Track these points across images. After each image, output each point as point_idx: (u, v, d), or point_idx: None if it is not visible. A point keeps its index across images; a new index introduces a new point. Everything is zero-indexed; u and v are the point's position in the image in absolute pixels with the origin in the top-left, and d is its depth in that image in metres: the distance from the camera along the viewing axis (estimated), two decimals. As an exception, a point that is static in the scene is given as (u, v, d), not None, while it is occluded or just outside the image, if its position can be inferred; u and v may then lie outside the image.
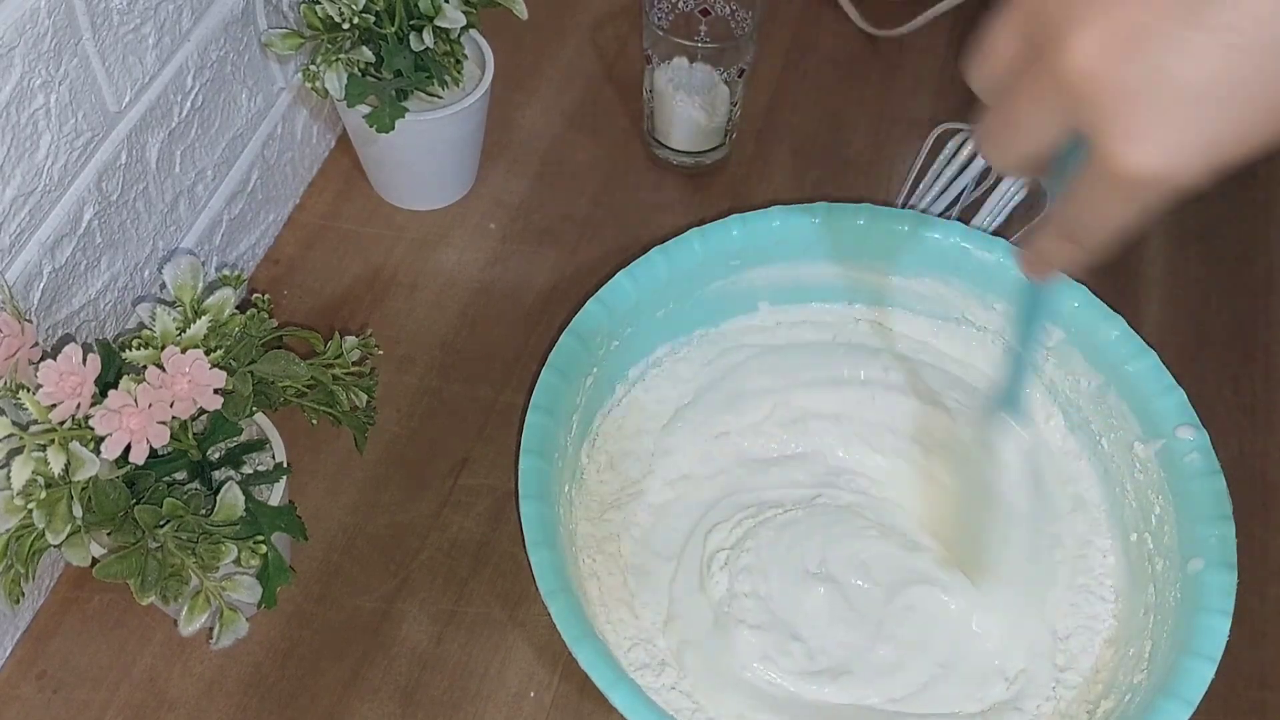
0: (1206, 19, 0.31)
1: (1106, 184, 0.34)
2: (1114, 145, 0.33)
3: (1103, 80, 0.32)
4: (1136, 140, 0.33)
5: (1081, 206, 0.37)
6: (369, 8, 0.68)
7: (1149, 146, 0.33)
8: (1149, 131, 0.32)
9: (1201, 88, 0.31)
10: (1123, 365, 0.65)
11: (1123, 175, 0.33)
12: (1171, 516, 0.61)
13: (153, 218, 0.65)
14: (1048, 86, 0.34)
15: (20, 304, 0.55)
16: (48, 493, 0.49)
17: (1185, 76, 0.31)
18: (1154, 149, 0.33)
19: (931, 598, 0.62)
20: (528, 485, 0.58)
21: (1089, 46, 0.32)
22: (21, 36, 0.51)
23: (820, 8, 0.94)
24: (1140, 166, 0.33)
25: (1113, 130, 0.33)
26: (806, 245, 0.69)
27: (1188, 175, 0.33)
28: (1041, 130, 0.36)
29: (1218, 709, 0.59)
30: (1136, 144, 0.33)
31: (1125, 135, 0.33)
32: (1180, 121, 0.32)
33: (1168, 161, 0.33)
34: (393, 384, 0.72)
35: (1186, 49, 0.31)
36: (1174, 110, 0.32)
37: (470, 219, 0.81)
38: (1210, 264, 0.81)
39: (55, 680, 0.61)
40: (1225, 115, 0.32)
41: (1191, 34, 0.31)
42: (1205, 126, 0.32)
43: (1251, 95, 0.32)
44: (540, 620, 0.64)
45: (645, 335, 0.68)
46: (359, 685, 0.62)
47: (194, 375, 0.50)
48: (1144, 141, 0.33)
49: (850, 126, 0.87)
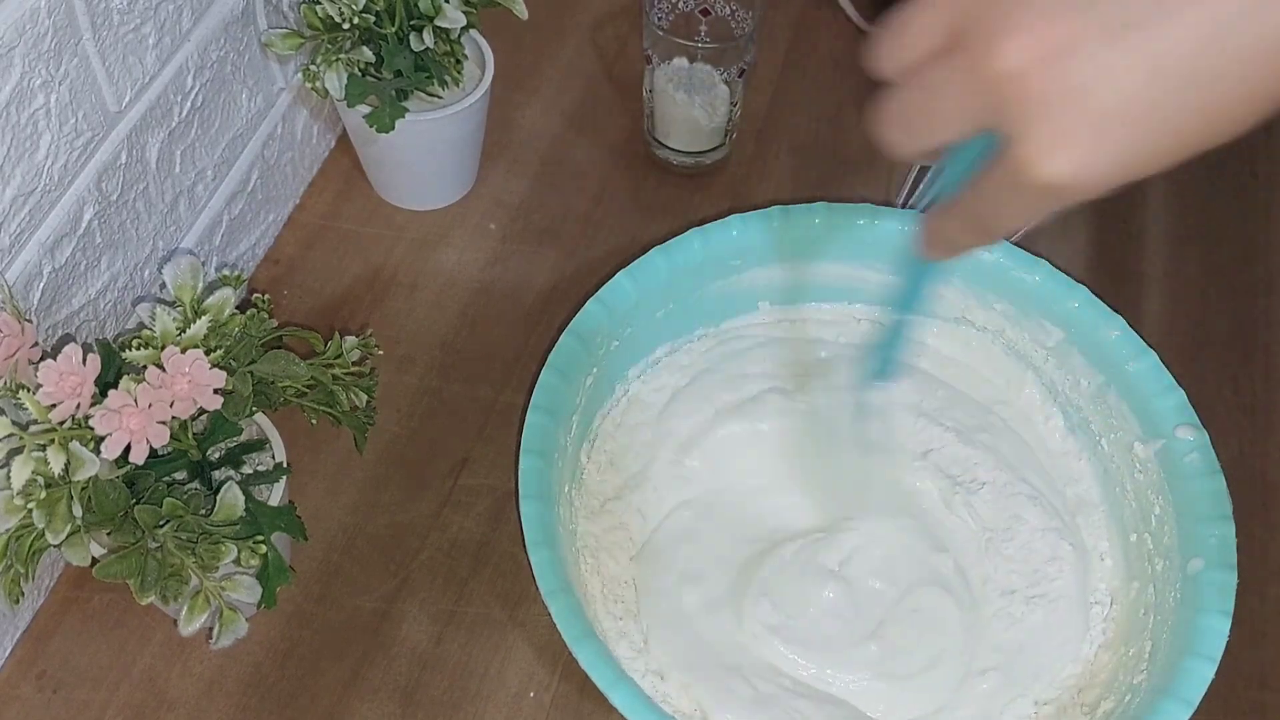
0: (1135, 42, 0.32)
1: (1015, 185, 0.35)
2: (1028, 152, 0.34)
3: (1026, 87, 0.33)
4: (1050, 151, 0.33)
5: (987, 200, 0.38)
6: (369, 8, 0.68)
7: (1061, 158, 0.33)
8: (1063, 144, 0.33)
9: (1120, 108, 0.32)
10: (1123, 365, 0.65)
11: (1032, 182, 0.34)
12: (1171, 517, 0.61)
13: (153, 218, 0.65)
14: (969, 83, 0.35)
15: (20, 304, 0.55)
16: (48, 493, 0.49)
17: (1105, 95, 0.32)
18: (1065, 161, 0.33)
19: (939, 601, 0.62)
20: (528, 485, 0.58)
21: (1018, 53, 0.33)
22: (21, 36, 0.51)
23: (820, 8, 0.94)
24: (1050, 176, 0.34)
25: (1028, 137, 0.34)
26: (807, 245, 0.69)
27: (1093, 188, 0.34)
28: (954, 124, 0.36)
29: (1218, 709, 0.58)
30: (1049, 154, 0.33)
31: (1039, 144, 0.34)
32: (1094, 137, 0.33)
33: (1076, 174, 0.34)
34: (393, 384, 0.72)
35: (1111, 69, 0.32)
36: (1090, 126, 0.33)
37: (470, 219, 0.81)
38: (1210, 264, 0.81)
39: (55, 680, 0.61)
40: (1138, 136, 0.33)
41: (1118, 55, 0.32)
42: (1117, 145, 0.33)
43: (1166, 120, 0.33)
44: (540, 620, 0.64)
45: (645, 335, 0.68)
46: (359, 685, 0.62)
47: (194, 375, 0.50)
48: (1057, 153, 0.33)
49: (850, 126, 0.87)
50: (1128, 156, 0.33)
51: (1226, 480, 0.60)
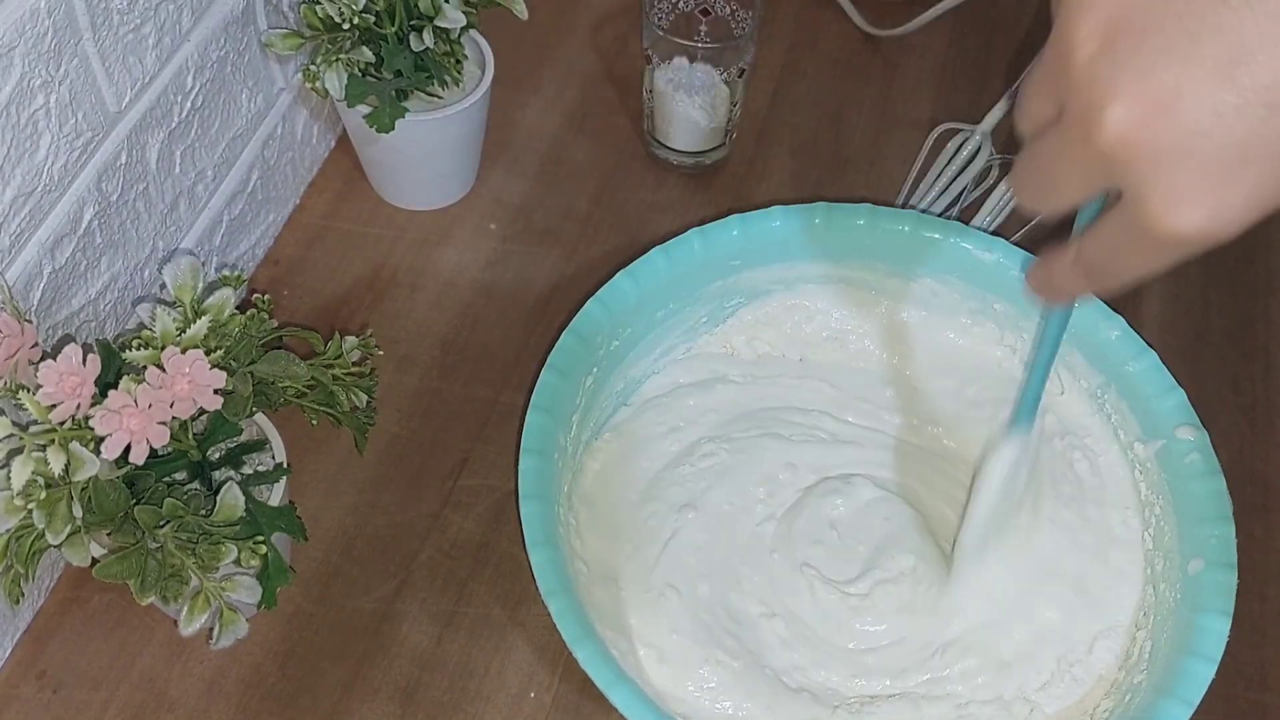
0: (1241, 80, 0.31)
1: (1142, 238, 0.35)
2: (1155, 208, 0.33)
3: (1141, 147, 0.33)
4: (1178, 204, 0.33)
5: (1109, 250, 0.37)
6: (369, 8, 0.68)
7: (1191, 209, 0.33)
8: (1191, 195, 0.33)
9: (1241, 149, 0.32)
10: (1123, 365, 0.65)
11: (1162, 234, 0.34)
12: (1171, 517, 0.62)
13: (153, 218, 0.65)
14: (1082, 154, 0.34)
15: (20, 304, 0.55)
16: (48, 493, 0.49)
17: (1224, 138, 0.32)
18: (1195, 211, 0.33)
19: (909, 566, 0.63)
20: (528, 485, 0.58)
21: (1123, 116, 0.33)
22: (21, 36, 0.51)
23: (820, 8, 0.94)
24: (1181, 228, 0.33)
25: (1153, 194, 0.33)
26: (806, 245, 0.69)
27: (1227, 233, 0.34)
28: (1077, 191, 0.36)
29: (1218, 709, 0.59)
30: (1178, 207, 0.33)
31: (1166, 199, 0.33)
32: (1221, 183, 0.32)
33: (1209, 223, 0.33)
34: (393, 384, 0.72)
35: (1223, 111, 0.31)
36: (1215, 172, 0.32)
37: (470, 219, 0.81)
38: (1210, 264, 0.81)
39: (55, 680, 0.61)
40: (1266, 173, 0.32)
41: (1227, 95, 0.31)
42: (1246, 186, 0.32)
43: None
44: (540, 620, 0.64)
45: (645, 335, 0.68)
46: (359, 686, 0.62)
47: (194, 375, 0.50)
48: (1186, 205, 0.33)
49: (850, 126, 0.87)
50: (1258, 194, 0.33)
51: (1226, 480, 0.60)
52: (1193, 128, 0.32)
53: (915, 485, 0.67)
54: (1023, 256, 0.67)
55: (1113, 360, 0.65)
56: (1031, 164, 0.38)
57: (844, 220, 0.69)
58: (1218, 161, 0.32)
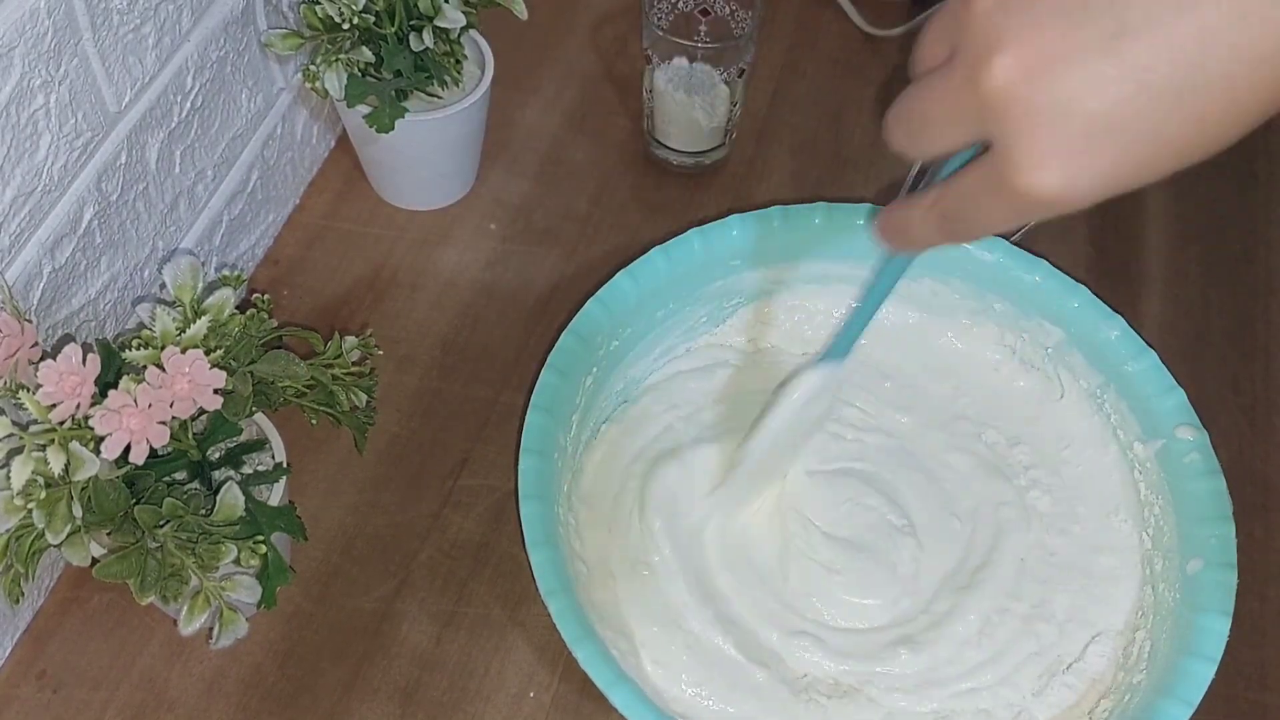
0: (1124, 53, 0.32)
1: (999, 192, 0.35)
2: (1015, 164, 0.34)
3: (1015, 101, 0.33)
4: (1036, 163, 0.33)
5: (967, 201, 0.38)
6: (369, 8, 0.68)
7: (1047, 171, 0.33)
8: (1052, 157, 0.33)
9: (1108, 120, 0.32)
10: (1123, 365, 0.65)
11: (1018, 191, 0.34)
12: (1171, 516, 0.62)
13: (153, 218, 0.65)
14: (962, 98, 0.35)
15: (20, 304, 0.55)
16: (48, 493, 0.49)
17: (1094, 108, 0.32)
18: (1052, 174, 0.33)
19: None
20: (528, 485, 0.58)
21: (1007, 67, 0.33)
22: (21, 36, 0.51)
23: (820, 8, 0.94)
24: (1036, 188, 0.34)
25: (1016, 150, 0.34)
26: (806, 245, 0.69)
27: (1078, 201, 0.34)
28: (949, 135, 0.37)
29: (1218, 709, 0.59)
30: (1036, 167, 0.34)
31: (1027, 156, 0.34)
32: (1081, 150, 0.33)
33: (1064, 187, 0.34)
34: (393, 384, 0.72)
35: (1100, 81, 0.32)
36: (1079, 139, 0.33)
37: (470, 219, 0.81)
38: (1210, 264, 0.81)
39: (55, 680, 0.61)
40: (1125, 149, 0.33)
41: (1106, 66, 0.32)
42: (1104, 158, 0.33)
43: (1154, 131, 0.32)
44: (540, 620, 0.64)
45: (645, 335, 0.68)
46: (359, 686, 0.62)
47: (194, 375, 0.50)
48: (1043, 166, 0.33)
49: (850, 126, 0.87)
50: (1115, 168, 0.33)
51: (1226, 480, 0.60)
52: (1068, 91, 0.32)
53: (903, 487, 0.67)
54: (1023, 256, 0.67)
55: (1112, 360, 0.65)
56: (912, 102, 0.38)
57: (844, 220, 0.69)
58: (1084, 129, 0.33)
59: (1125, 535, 0.65)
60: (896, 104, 0.39)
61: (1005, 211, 0.36)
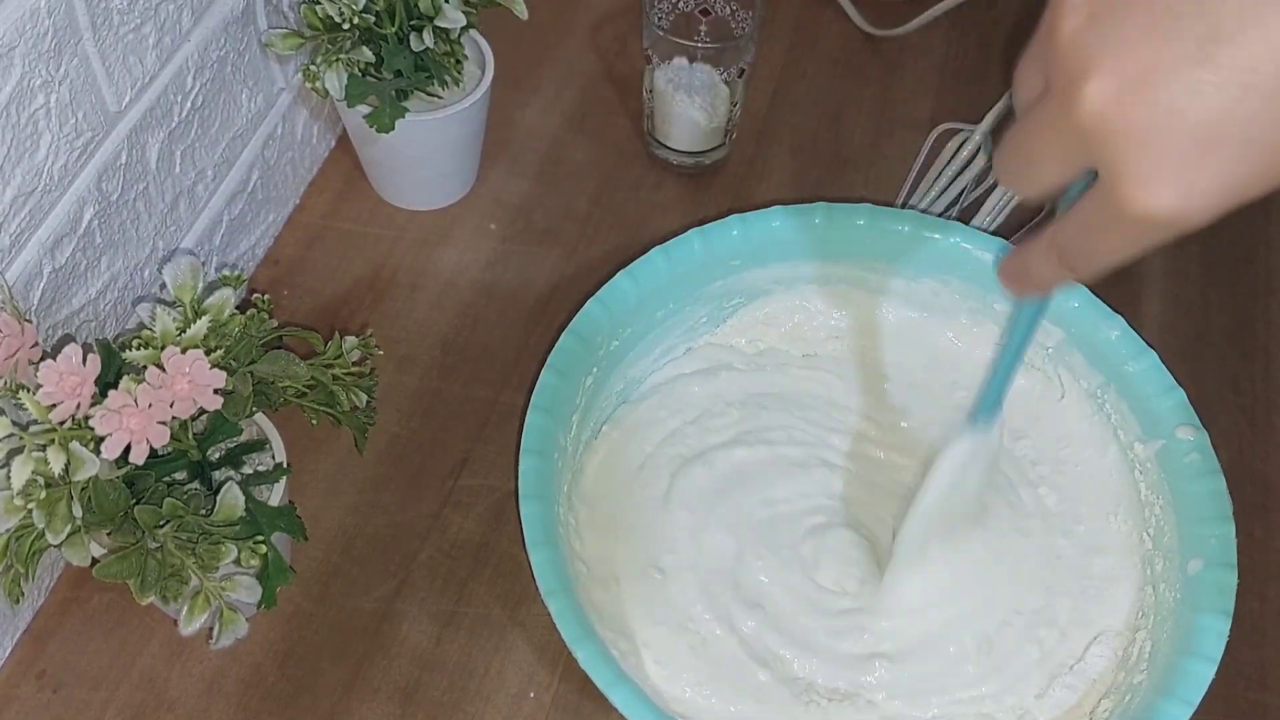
0: (1220, 59, 0.31)
1: (1115, 219, 0.34)
2: (1125, 186, 0.33)
3: (1116, 123, 0.32)
4: (1150, 182, 0.32)
5: (1083, 233, 0.37)
6: (369, 8, 0.68)
7: (1162, 189, 0.32)
8: (1163, 173, 0.32)
9: (1216, 129, 0.31)
10: (1123, 365, 0.65)
11: (1134, 215, 0.33)
12: (1171, 516, 0.61)
13: (153, 218, 0.65)
14: (1062, 129, 0.34)
15: (20, 304, 0.55)
16: (48, 493, 0.49)
17: (1199, 117, 0.31)
18: (1168, 191, 0.32)
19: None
20: (528, 485, 0.58)
21: (1101, 90, 0.32)
22: (21, 36, 0.51)
23: (820, 8, 0.94)
24: (1153, 208, 0.33)
25: (1126, 172, 0.33)
26: (806, 245, 0.69)
27: (1199, 217, 0.33)
28: (1056, 168, 0.36)
29: (1218, 710, 0.59)
30: (1150, 186, 0.32)
31: (1139, 177, 0.32)
32: (1194, 163, 0.32)
33: (1181, 203, 0.32)
34: (393, 384, 0.72)
35: (1200, 89, 0.31)
36: (1188, 152, 0.32)
37: (470, 219, 0.81)
38: (1210, 264, 0.81)
39: (55, 680, 0.61)
40: (1239, 157, 0.32)
41: (1205, 74, 0.31)
42: (1219, 168, 0.32)
43: (1266, 136, 0.31)
44: (540, 620, 0.64)
45: (645, 335, 0.68)
46: (359, 686, 0.62)
47: (194, 375, 0.50)
48: (1157, 183, 0.32)
49: (850, 126, 0.87)
50: (1231, 178, 0.32)
51: (1226, 480, 0.60)
52: (1168, 105, 0.31)
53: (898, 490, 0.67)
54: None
55: (1113, 360, 0.65)
56: (1015, 140, 0.37)
57: (844, 220, 0.69)
58: (1191, 141, 0.32)
59: (1125, 535, 0.65)
60: (1002, 144, 0.38)
61: (1123, 238, 0.35)
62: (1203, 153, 0.32)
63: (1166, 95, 0.31)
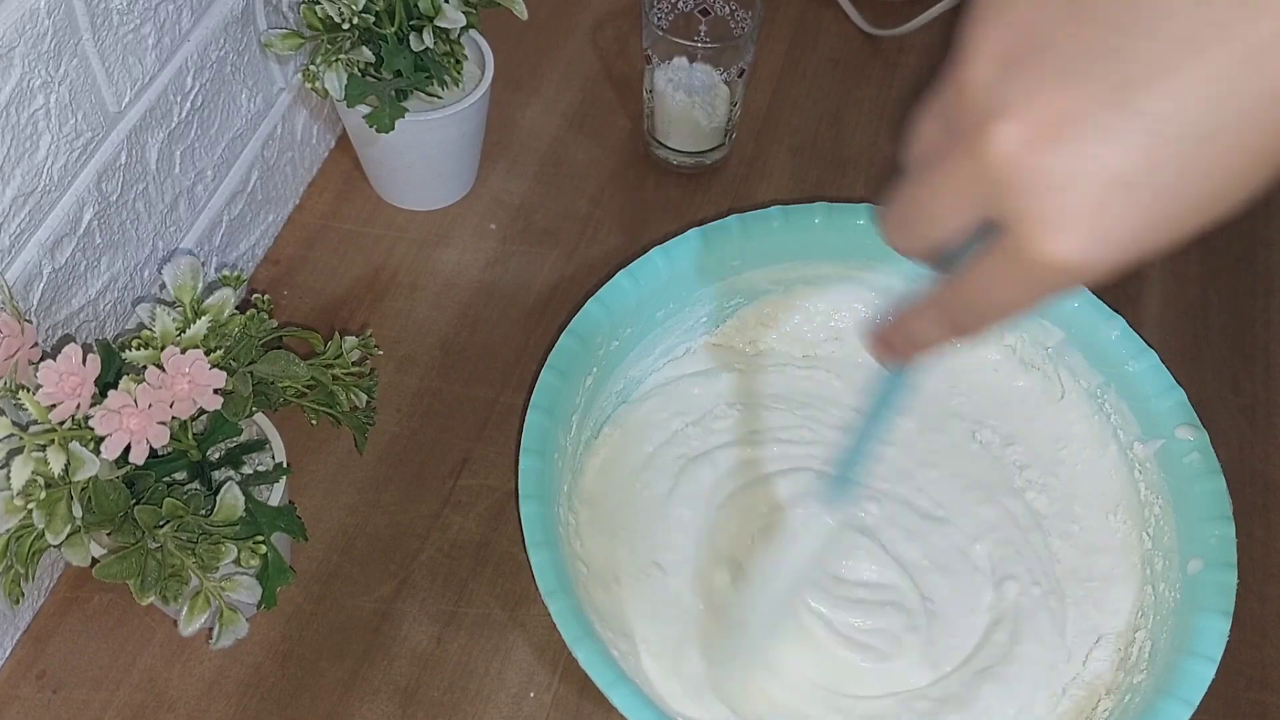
0: (1139, 106, 0.30)
1: (1019, 270, 0.33)
2: (1032, 234, 0.32)
3: (1027, 169, 0.31)
4: (1057, 229, 0.31)
5: (978, 289, 0.35)
6: (369, 8, 0.68)
7: (1073, 236, 0.31)
8: (1070, 221, 0.31)
9: (1128, 177, 0.30)
10: (1123, 365, 0.65)
11: (1042, 264, 0.32)
12: (1171, 516, 0.61)
13: (152, 218, 0.65)
14: (965, 174, 0.33)
15: (20, 304, 0.55)
16: (48, 493, 0.49)
17: (1112, 165, 0.30)
18: (1071, 241, 0.31)
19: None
20: (528, 485, 0.58)
21: (1012, 133, 0.31)
22: (21, 36, 0.51)
23: (820, 8, 0.94)
24: (1055, 256, 0.31)
25: (1029, 218, 0.31)
26: (806, 245, 0.69)
27: (1104, 267, 0.32)
28: (954, 220, 0.35)
29: (1218, 709, 0.59)
30: (1056, 233, 0.31)
31: (1045, 224, 0.31)
32: (1103, 211, 0.31)
33: (1090, 252, 0.31)
34: (393, 384, 0.72)
35: (1115, 136, 0.30)
36: (1098, 199, 0.31)
37: (470, 219, 0.81)
38: (1210, 264, 0.81)
39: (55, 680, 0.61)
40: (1149, 206, 0.31)
41: (1122, 121, 0.30)
42: (1129, 217, 0.31)
43: (1180, 187, 0.30)
44: (540, 620, 0.64)
45: (645, 335, 0.68)
46: (359, 686, 0.62)
47: (194, 375, 0.50)
48: (1061, 232, 0.31)
49: (850, 126, 0.87)
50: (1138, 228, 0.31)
51: (1226, 480, 0.60)
52: (1081, 151, 0.30)
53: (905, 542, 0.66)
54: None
55: (1112, 360, 0.65)
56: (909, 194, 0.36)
57: (844, 220, 0.69)
58: (1103, 188, 0.30)
59: (1125, 535, 0.65)
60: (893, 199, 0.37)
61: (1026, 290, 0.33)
62: (1114, 201, 0.31)
63: (1079, 142, 0.30)
